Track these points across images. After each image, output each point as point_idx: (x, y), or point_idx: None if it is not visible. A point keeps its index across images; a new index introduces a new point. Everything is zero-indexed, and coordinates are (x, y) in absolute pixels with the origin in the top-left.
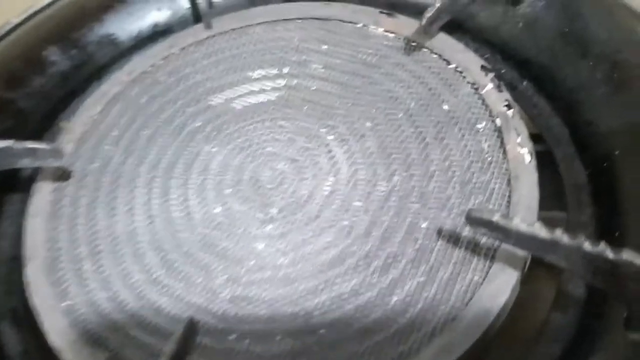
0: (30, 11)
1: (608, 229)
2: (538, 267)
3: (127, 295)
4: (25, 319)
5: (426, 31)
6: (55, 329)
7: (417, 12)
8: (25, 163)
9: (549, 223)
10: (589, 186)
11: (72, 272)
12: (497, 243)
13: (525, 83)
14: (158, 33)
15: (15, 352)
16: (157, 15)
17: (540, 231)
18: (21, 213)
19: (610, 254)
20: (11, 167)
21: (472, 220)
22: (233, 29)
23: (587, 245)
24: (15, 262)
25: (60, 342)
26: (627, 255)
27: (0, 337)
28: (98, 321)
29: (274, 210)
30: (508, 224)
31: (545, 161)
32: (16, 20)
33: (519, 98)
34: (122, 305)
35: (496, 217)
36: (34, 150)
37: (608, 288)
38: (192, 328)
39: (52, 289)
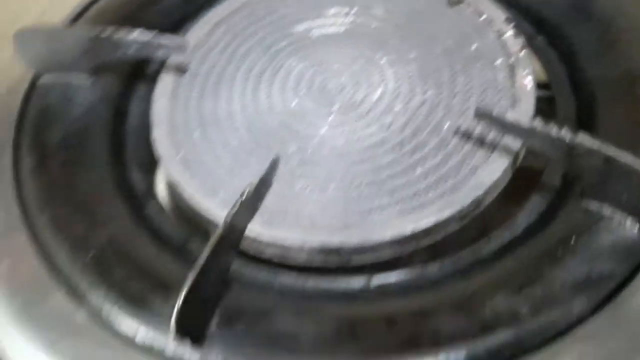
0: None
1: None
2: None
3: (225, 156)
4: (151, 167)
5: None
6: (173, 168)
7: None
8: (159, 55)
9: None
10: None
11: (186, 138)
12: (497, 139)
13: (540, 38)
14: None
15: (142, 190)
16: None
17: (536, 123)
18: (147, 97)
19: (568, 135)
20: (149, 56)
21: (480, 113)
22: None
23: (556, 131)
24: (142, 129)
25: (177, 176)
26: (580, 138)
27: (133, 181)
28: (203, 170)
29: (335, 107)
30: (506, 116)
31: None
32: None
33: (534, 49)
34: (220, 162)
35: (496, 112)
36: (165, 45)
37: (569, 166)
38: (275, 163)
39: (171, 145)
